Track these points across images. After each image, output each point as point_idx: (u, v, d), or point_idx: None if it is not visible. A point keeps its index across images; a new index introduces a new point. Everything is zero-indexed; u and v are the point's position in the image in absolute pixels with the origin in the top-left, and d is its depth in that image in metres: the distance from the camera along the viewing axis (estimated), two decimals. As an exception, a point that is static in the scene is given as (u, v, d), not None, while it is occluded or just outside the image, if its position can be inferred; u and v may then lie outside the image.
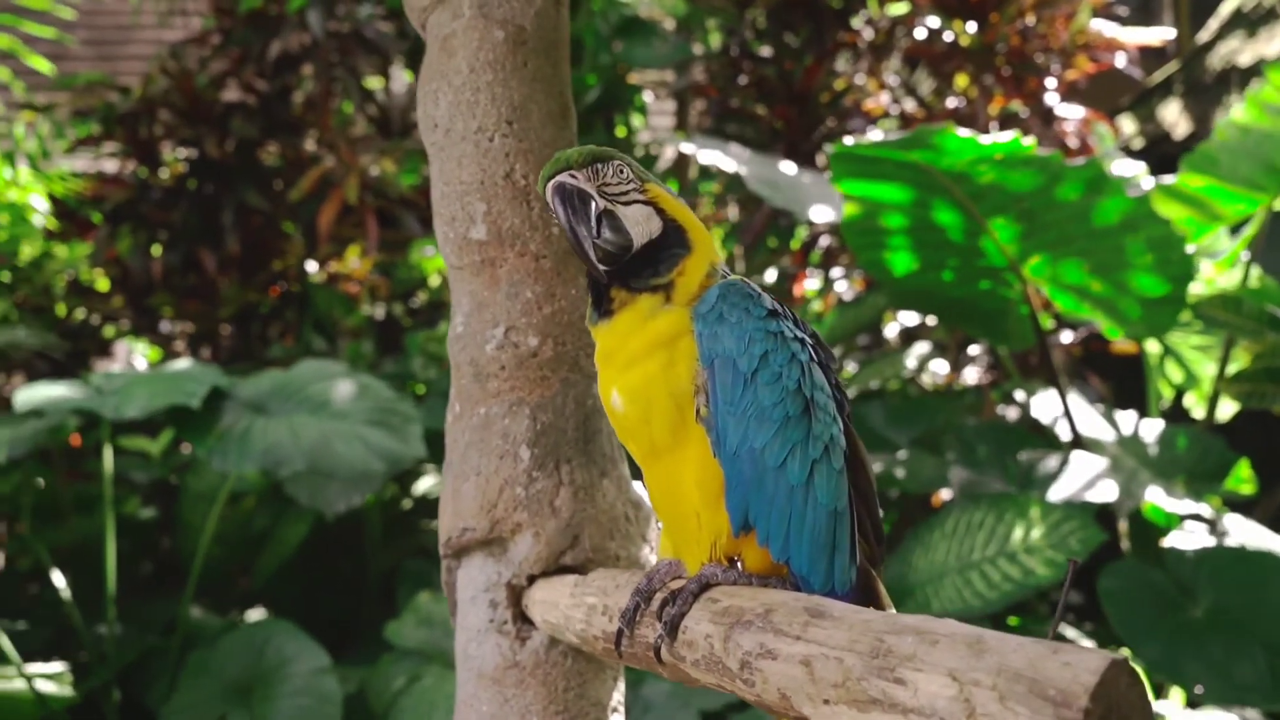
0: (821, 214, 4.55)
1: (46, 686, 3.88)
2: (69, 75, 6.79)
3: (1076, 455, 4.28)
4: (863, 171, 3.91)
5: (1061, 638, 3.94)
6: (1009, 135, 3.59)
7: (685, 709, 3.38)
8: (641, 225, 1.34)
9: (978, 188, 3.82)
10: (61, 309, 6.43)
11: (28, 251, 5.90)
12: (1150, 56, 7.95)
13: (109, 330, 6.61)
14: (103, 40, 9.46)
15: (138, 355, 6.83)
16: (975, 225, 4.03)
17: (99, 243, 6.27)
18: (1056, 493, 4.08)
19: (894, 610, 1.35)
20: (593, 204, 1.32)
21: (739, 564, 1.31)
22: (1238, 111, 4.33)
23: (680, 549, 1.36)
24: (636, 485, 1.75)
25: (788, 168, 4.85)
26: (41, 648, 4.36)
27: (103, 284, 6.54)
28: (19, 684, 3.85)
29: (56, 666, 4.02)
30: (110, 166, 6.65)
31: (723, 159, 4.68)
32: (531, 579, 1.65)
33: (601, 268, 1.32)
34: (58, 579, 4.28)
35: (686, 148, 5.22)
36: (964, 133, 3.57)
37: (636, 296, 1.33)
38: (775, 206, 4.77)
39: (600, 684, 1.67)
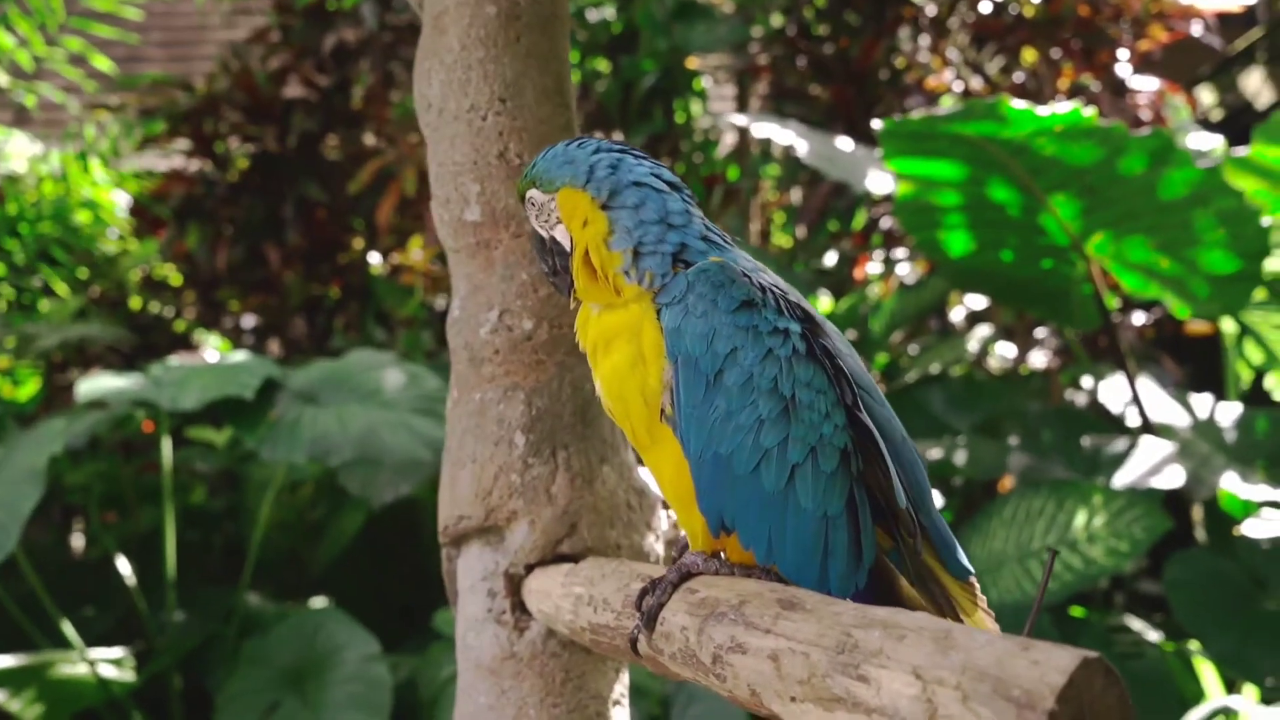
0: (879, 183, 4.42)
1: (109, 671, 3.97)
2: (139, 76, 6.95)
3: (1144, 440, 4.11)
4: (915, 149, 3.78)
5: (1114, 632, 3.80)
6: (1068, 106, 3.43)
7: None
8: (564, 243, 1.35)
9: (1037, 162, 3.67)
10: (136, 303, 6.60)
11: (105, 248, 6.06)
12: (1231, 24, 7.60)
13: (180, 324, 6.76)
14: (176, 41, 9.66)
15: (210, 348, 6.98)
16: (1034, 201, 3.88)
17: (168, 238, 6.40)
18: (1121, 479, 3.92)
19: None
20: (532, 239, 1.40)
21: (722, 555, 1.24)
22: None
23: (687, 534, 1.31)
24: (642, 472, 1.70)
25: (844, 143, 4.73)
26: (107, 634, 4.47)
27: (175, 278, 6.68)
28: (82, 669, 3.95)
29: (119, 652, 4.12)
30: (178, 164, 6.78)
31: (778, 131, 4.59)
32: (529, 568, 1.61)
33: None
34: (123, 566, 4.38)
35: (739, 119, 5.12)
36: (1020, 104, 3.43)
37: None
38: (832, 178, 4.66)
39: (600, 676, 1.62)
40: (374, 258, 6.57)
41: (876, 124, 3.73)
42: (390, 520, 5.01)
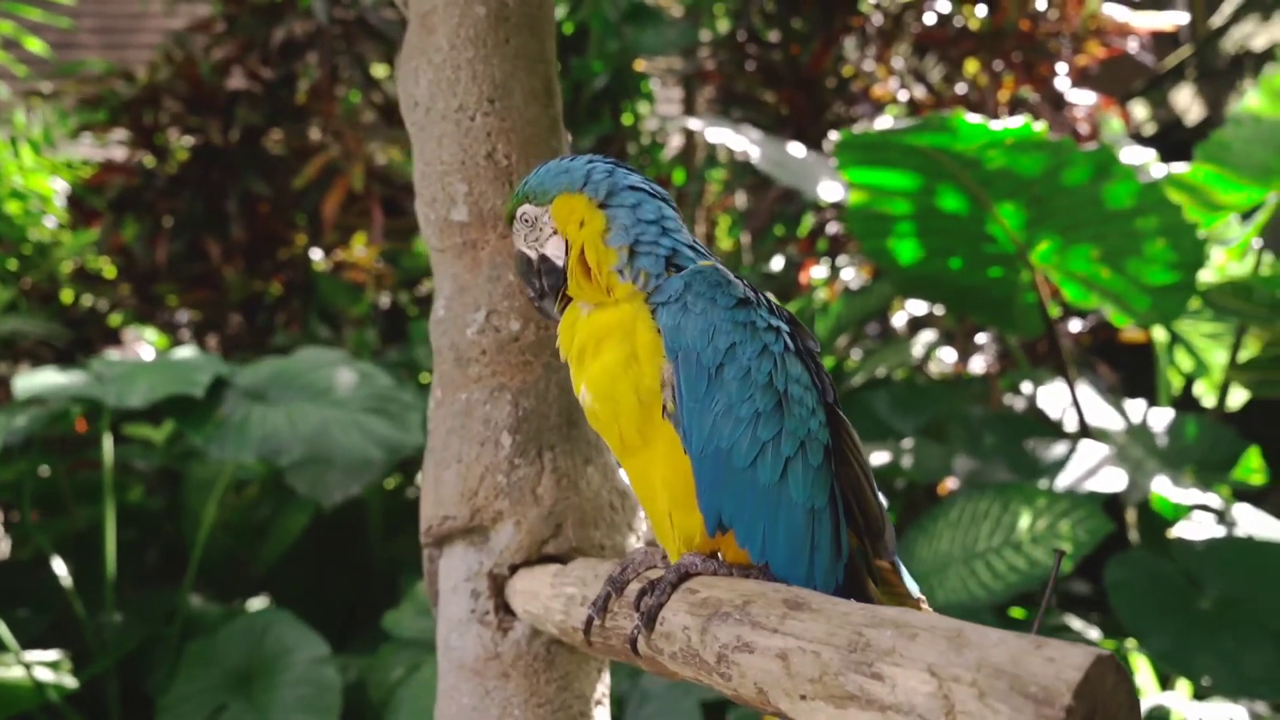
0: (831, 191, 4.48)
1: (45, 674, 3.87)
2: (75, 62, 6.77)
3: (1085, 445, 4.22)
4: (869, 159, 3.85)
5: (1056, 631, 3.90)
6: (1020, 120, 3.53)
7: (686, 697, 3.34)
8: (560, 256, 1.35)
9: (987, 173, 3.76)
10: (68, 296, 6.43)
11: (36, 237, 5.89)
12: (1162, 42, 7.85)
13: (114, 318, 6.60)
14: (111, 29, 9.44)
15: (144, 344, 6.82)
16: (983, 211, 3.97)
17: (104, 230, 6.25)
18: (1062, 482, 4.03)
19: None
20: (520, 263, 1.41)
21: (719, 555, 1.27)
22: (1252, 98, 4.26)
23: (663, 543, 1.32)
24: (623, 473, 1.71)
25: (796, 149, 4.80)
26: (41, 636, 4.35)
27: (110, 271, 6.53)
28: (17, 672, 3.85)
29: (55, 654, 4.01)
30: (115, 154, 6.63)
31: (731, 136, 4.63)
32: (513, 568, 1.61)
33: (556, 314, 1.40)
34: (59, 567, 4.27)
35: (694, 124, 5.16)
36: (974, 118, 3.52)
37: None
38: (783, 184, 4.72)
39: (584, 676, 1.63)
40: (316, 254, 6.49)
41: (833, 135, 3.79)
42: (335, 521, 4.95)
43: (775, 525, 1.22)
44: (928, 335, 5.81)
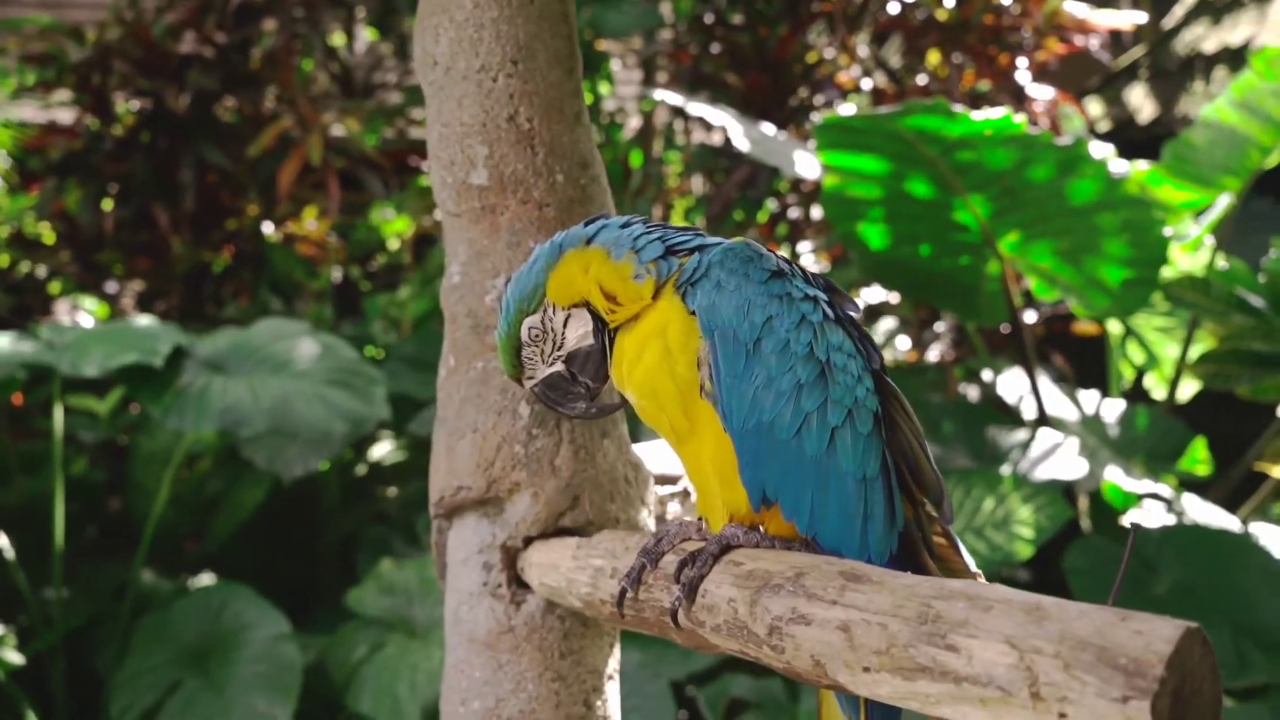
0: (807, 167, 4.48)
1: (-10, 650, 3.75)
2: (15, 19, 6.53)
3: (1046, 433, 4.29)
4: (849, 143, 3.86)
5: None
6: (1000, 112, 3.56)
7: (656, 679, 3.34)
8: (584, 332, 1.34)
9: (961, 163, 3.79)
10: (4, 260, 6.22)
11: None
12: (1116, 40, 7.99)
13: (54, 286, 6.40)
14: (50, -14, 9.11)
15: (84, 312, 6.63)
16: (956, 200, 4.00)
17: (45, 195, 6.04)
18: (1023, 469, 4.09)
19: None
20: (558, 388, 1.37)
21: (761, 528, 1.25)
22: (1223, 98, 4.36)
23: (710, 521, 1.31)
24: (636, 447, 1.69)
25: (767, 128, 4.79)
26: (-16, 611, 4.22)
27: (49, 237, 6.32)
28: (-39, 647, 3.72)
29: None
30: (60, 116, 6.40)
31: (710, 111, 4.61)
32: (528, 541, 1.58)
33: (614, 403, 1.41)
34: (1, 540, 4.13)
35: (672, 98, 5.13)
36: (957, 108, 3.54)
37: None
38: (760, 162, 4.71)
39: (597, 650, 1.61)
40: (268, 226, 6.34)
41: (815, 118, 3.79)
42: (288, 497, 4.85)
43: (825, 496, 1.20)
44: (887, 323, 5.86)
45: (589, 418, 1.39)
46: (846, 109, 5.42)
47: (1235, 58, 7.09)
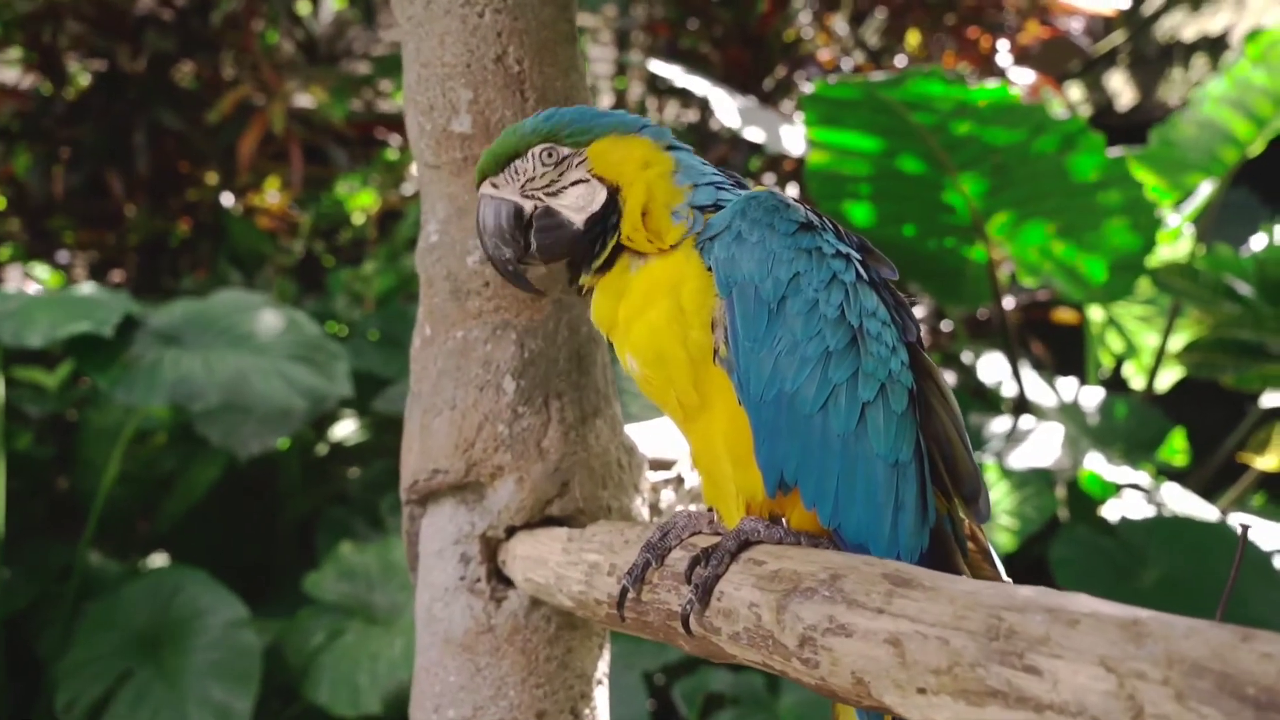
0: (793, 143, 4.33)
1: (-76, 634, 3.54)
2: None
3: (1025, 420, 4.20)
4: (836, 116, 3.72)
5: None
6: (995, 83, 3.44)
7: (630, 671, 3.20)
8: (583, 207, 1.16)
9: (953, 139, 3.67)
10: (-53, 226, 5.95)
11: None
12: (1096, 27, 7.91)
13: (3, 252, 6.13)
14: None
15: (32, 281, 6.37)
16: (945, 178, 3.89)
17: (-9, 159, 5.78)
18: (1004, 456, 3.99)
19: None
20: (508, 217, 1.18)
21: (784, 522, 1.10)
22: (1215, 87, 4.28)
23: (723, 513, 1.15)
24: (629, 428, 1.54)
25: (749, 102, 4.65)
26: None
27: (-1, 202, 6.06)
28: (-107, 631, 3.51)
29: (-65, 613, 3.68)
30: (6, 77, 6.12)
31: (700, 83, 4.47)
32: (511, 531, 1.42)
33: (536, 286, 1.27)
34: (-60, 518, 3.91)
35: (660, 68, 4.97)
36: (950, 78, 3.41)
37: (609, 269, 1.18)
38: (734, 139, 4.56)
39: (586, 653, 1.46)
40: (228, 198, 6.11)
41: (806, 88, 3.65)
42: (243, 476, 4.66)
43: (851, 481, 1.06)
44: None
45: (502, 274, 1.21)
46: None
47: (1215, 46, 7.05)
